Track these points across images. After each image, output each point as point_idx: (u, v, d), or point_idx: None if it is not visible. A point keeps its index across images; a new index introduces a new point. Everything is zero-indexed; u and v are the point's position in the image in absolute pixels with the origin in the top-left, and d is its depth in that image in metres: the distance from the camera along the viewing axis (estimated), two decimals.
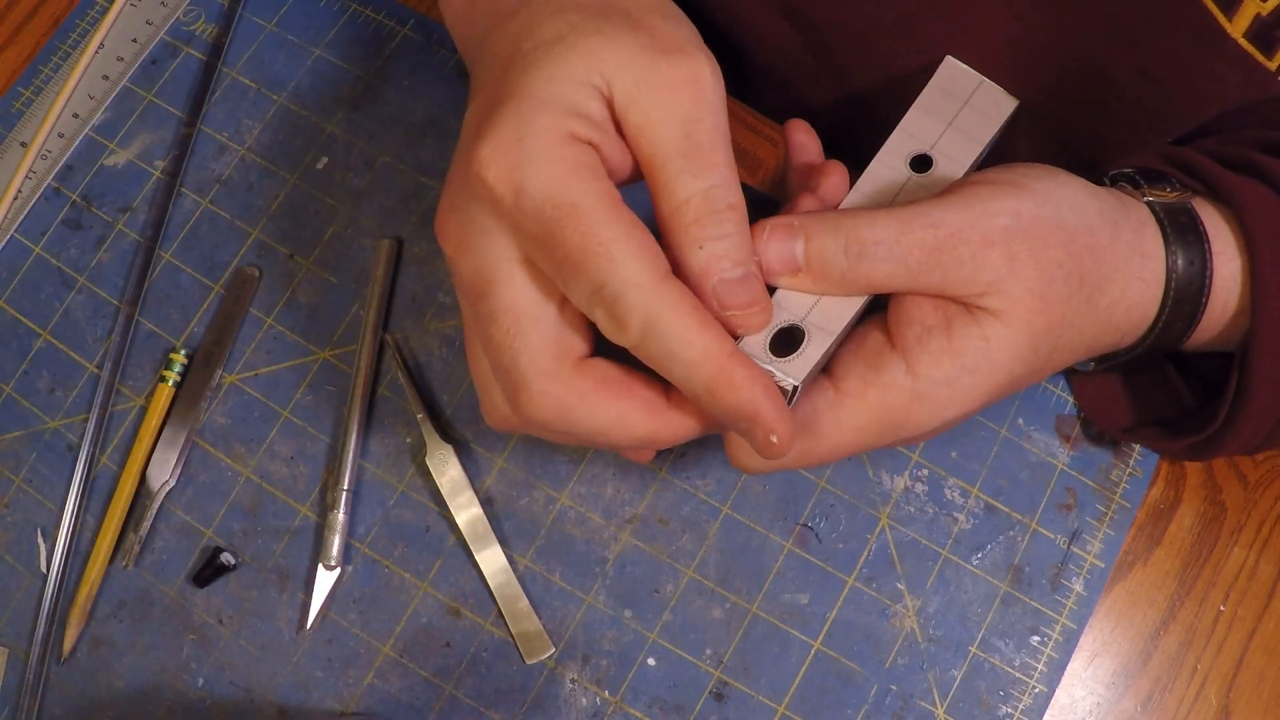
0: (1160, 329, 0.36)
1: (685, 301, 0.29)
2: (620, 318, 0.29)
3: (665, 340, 0.29)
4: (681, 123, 0.30)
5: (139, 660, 0.44)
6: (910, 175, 0.37)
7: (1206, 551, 0.45)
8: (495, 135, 0.30)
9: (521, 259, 0.31)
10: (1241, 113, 0.38)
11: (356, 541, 0.45)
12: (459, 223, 0.31)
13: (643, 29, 0.31)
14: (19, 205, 0.50)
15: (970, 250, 0.32)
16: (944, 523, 0.44)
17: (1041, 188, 0.33)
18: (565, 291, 0.30)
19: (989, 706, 0.43)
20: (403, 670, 0.44)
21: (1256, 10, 0.33)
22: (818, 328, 0.33)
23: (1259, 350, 0.35)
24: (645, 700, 0.43)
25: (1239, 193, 0.35)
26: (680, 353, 0.29)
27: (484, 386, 0.34)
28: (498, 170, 0.29)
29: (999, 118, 0.40)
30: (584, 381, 0.31)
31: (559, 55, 0.30)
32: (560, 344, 0.31)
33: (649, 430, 0.32)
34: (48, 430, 0.47)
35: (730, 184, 0.31)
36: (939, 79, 0.41)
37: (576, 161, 0.29)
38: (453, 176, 0.32)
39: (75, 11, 0.53)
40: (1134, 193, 0.36)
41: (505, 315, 0.31)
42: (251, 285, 0.48)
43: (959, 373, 0.32)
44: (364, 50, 0.52)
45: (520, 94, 0.30)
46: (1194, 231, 0.35)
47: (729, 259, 0.31)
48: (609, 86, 0.30)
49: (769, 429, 0.29)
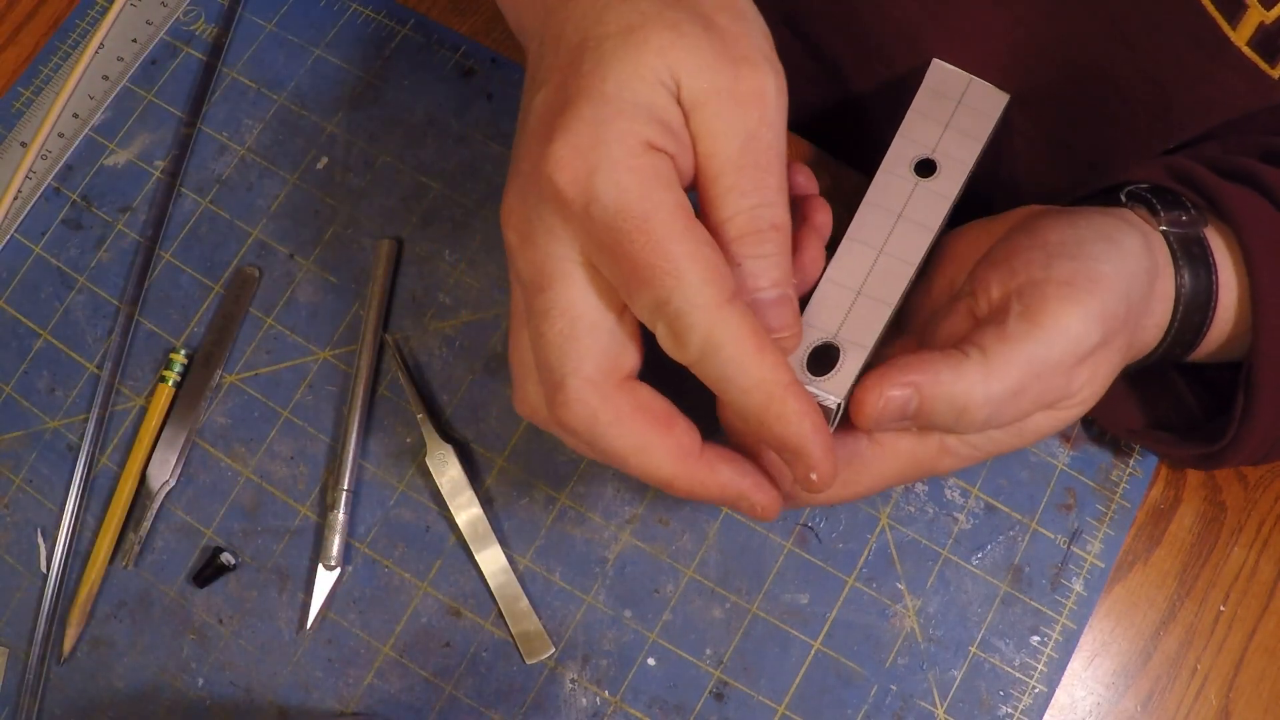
0: (1165, 349, 0.37)
1: (746, 326, 0.29)
2: (681, 335, 0.29)
3: (723, 363, 0.29)
4: (742, 137, 0.30)
5: (139, 660, 0.44)
6: (917, 181, 0.38)
7: (1206, 551, 0.45)
8: (570, 138, 0.29)
9: (584, 261, 0.30)
10: (1244, 118, 0.38)
11: (356, 541, 0.45)
12: (525, 216, 0.31)
13: (715, 30, 0.30)
14: (19, 205, 0.50)
15: (1066, 379, 0.32)
16: (944, 523, 0.44)
17: (1114, 271, 0.33)
18: (628, 301, 0.30)
19: (989, 706, 0.43)
20: (403, 670, 0.44)
21: (1260, 19, 0.33)
22: (851, 343, 0.34)
23: (1262, 368, 0.35)
24: (645, 700, 0.43)
25: (1239, 212, 0.35)
26: (736, 377, 0.29)
27: (520, 375, 0.34)
28: (571, 175, 0.29)
29: (994, 114, 0.41)
30: (623, 401, 0.31)
31: (633, 50, 0.29)
32: (610, 356, 0.31)
33: (669, 473, 0.31)
34: (48, 430, 0.47)
35: (779, 204, 0.31)
36: (929, 82, 0.41)
37: (652, 171, 0.29)
38: (521, 167, 0.31)
39: (75, 11, 0.53)
40: (1151, 220, 0.36)
41: (561, 316, 0.30)
42: (251, 285, 0.48)
43: (987, 440, 0.34)
44: (364, 50, 0.52)
45: (596, 94, 0.29)
46: (1204, 263, 0.36)
47: (767, 278, 0.31)
48: (678, 87, 0.30)
49: (811, 466, 0.30)
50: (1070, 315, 0.32)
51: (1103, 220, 0.35)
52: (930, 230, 0.37)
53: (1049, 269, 0.33)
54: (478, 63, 0.51)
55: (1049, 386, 0.32)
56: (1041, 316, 0.32)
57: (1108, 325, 0.32)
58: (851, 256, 0.36)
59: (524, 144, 0.31)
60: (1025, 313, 0.32)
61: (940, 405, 0.31)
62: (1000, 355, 0.31)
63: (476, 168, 0.49)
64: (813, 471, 0.30)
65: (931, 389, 0.31)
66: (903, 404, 0.31)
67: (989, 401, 0.31)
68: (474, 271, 0.48)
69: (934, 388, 0.31)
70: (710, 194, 0.31)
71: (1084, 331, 0.32)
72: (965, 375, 0.31)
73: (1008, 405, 0.32)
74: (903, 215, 0.37)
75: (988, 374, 0.31)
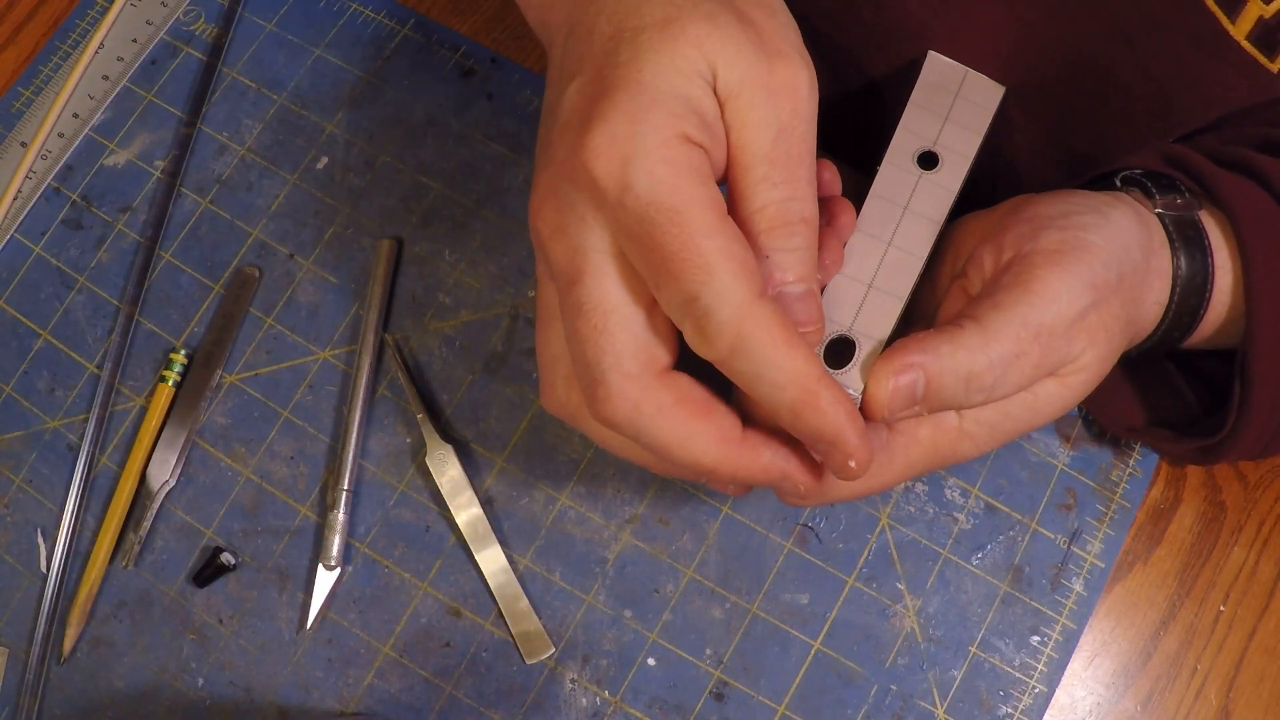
0: (1163, 331, 0.37)
1: (776, 321, 0.29)
2: (709, 332, 0.29)
3: (754, 359, 0.29)
4: (775, 129, 0.30)
5: (139, 660, 0.44)
6: (920, 174, 0.38)
7: (1206, 551, 0.45)
8: (607, 127, 0.29)
9: (615, 253, 0.30)
10: (1242, 112, 0.38)
11: (356, 541, 0.45)
12: (557, 207, 0.31)
13: (749, 23, 0.31)
14: (19, 205, 0.50)
15: (1064, 341, 0.32)
16: (944, 523, 0.44)
17: (1103, 240, 0.33)
18: (656, 295, 0.30)
19: (989, 706, 0.43)
20: (403, 670, 0.44)
21: (1259, 13, 0.33)
22: (865, 335, 0.34)
23: (1256, 356, 0.35)
24: (645, 700, 0.43)
25: (1234, 199, 0.36)
26: (768, 373, 0.29)
27: (547, 368, 0.34)
28: (607, 164, 0.29)
29: (990, 106, 0.41)
30: (664, 394, 0.31)
31: (670, 41, 0.30)
32: (648, 349, 0.31)
33: (715, 458, 0.31)
34: (48, 430, 0.47)
35: (808, 197, 0.31)
36: (927, 74, 0.41)
37: (687, 164, 0.29)
38: (554, 157, 0.31)
39: (75, 11, 0.53)
40: (1146, 202, 0.37)
41: (594, 311, 0.30)
42: (251, 285, 0.48)
43: (1003, 418, 0.34)
44: (364, 50, 0.52)
45: (634, 84, 0.29)
46: (1200, 246, 0.36)
47: (794, 272, 0.31)
48: (714, 78, 0.30)
49: (849, 454, 0.30)
50: (1059, 280, 0.32)
51: (1094, 197, 0.35)
52: (935, 223, 0.37)
53: (1036, 240, 0.33)
54: (478, 63, 0.51)
55: (1048, 348, 0.32)
56: (1031, 282, 0.32)
57: (1098, 291, 0.32)
58: (861, 249, 0.37)
59: (557, 134, 0.31)
60: (1014, 281, 0.32)
61: (947, 379, 0.31)
62: (995, 320, 0.32)
63: (476, 168, 0.49)
64: (851, 459, 0.30)
65: (935, 365, 0.31)
66: (911, 386, 0.31)
67: (992, 366, 0.31)
68: (474, 271, 0.48)
69: (937, 363, 0.31)
70: (741, 184, 0.31)
71: (1073, 294, 0.32)
72: (964, 344, 0.31)
73: (1011, 369, 0.32)
74: (908, 208, 0.38)
75: (985, 340, 0.31)
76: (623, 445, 0.33)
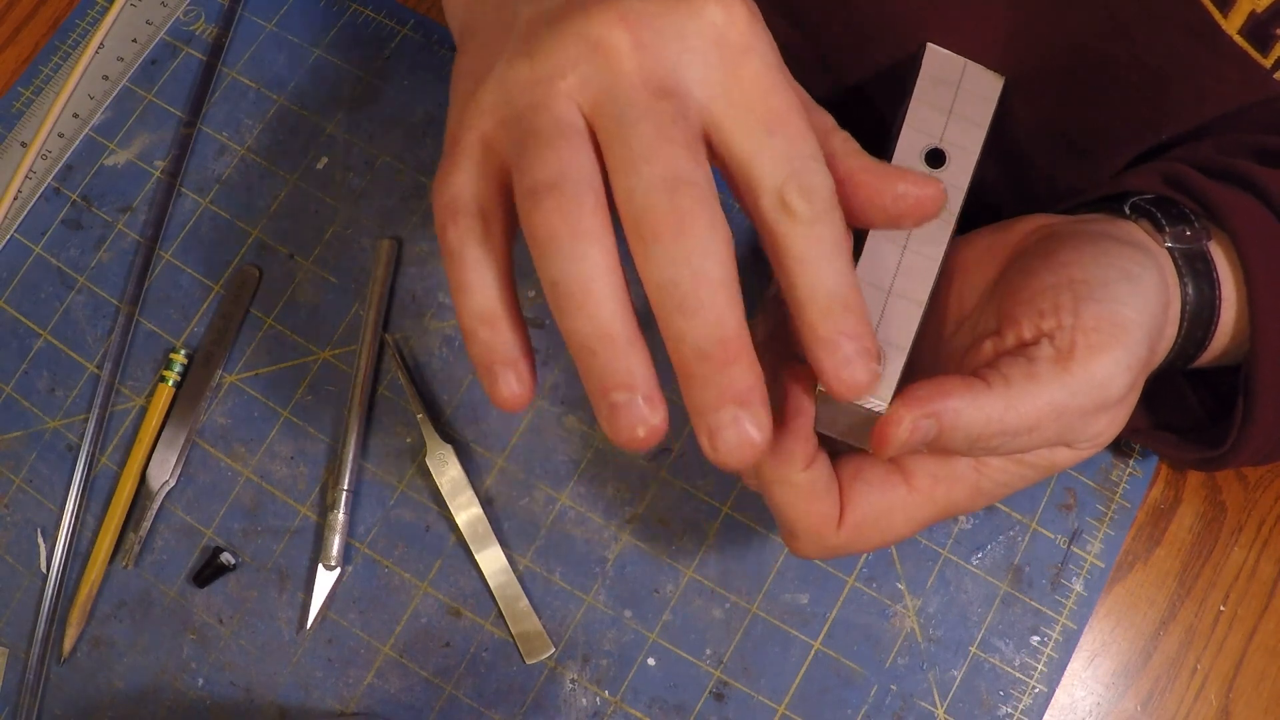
0: (1168, 362, 0.37)
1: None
2: (814, 189, 0.29)
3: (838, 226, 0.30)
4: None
5: (139, 660, 0.44)
6: (930, 173, 0.38)
7: (1206, 551, 0.45)
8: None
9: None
10: (1239, 114, 0.38)
11: (356, 541, 0.45)
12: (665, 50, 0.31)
13: None
14: (19, 205, 0.50)
15: (1083, 422, 0.33)
16: (944, 522, 0.44)
17: (1137, 315, 0.33)
18: (758, 150, 0.29)
19: (989, 706, 0.43)
20: (403, 670, 0.44)
21: (1251, 7, 0.33)
22: (889, 344, 0.34)
23: (1259, 374, 0.36)
24: (645, 700, 0.43)
25: (1235, 219, 0.36)
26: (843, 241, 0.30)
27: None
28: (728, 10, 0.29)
29: (992, 97, 0.41)
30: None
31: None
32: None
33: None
34: (48, 430, 0.47)
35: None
36: (928, 68, 0.41)
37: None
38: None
39: (75, 11, 0.53)
40: (1156, 235, 0.37)
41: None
42: (251, 285, 0.48)
43: (1018, 479, 0.35)
44: (364, 50, 0.52)
45: None
46: (1208, 279, 0.36)
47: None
48: None
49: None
50: (1100, 367, 0.32)
51: (1119, 252, 0.35)
52: (949, 224, 0.37)
53: (1078, 315, 0.33)
54: None
55: (1066, 426, 0.32)
56: (1070, 364, 0.32)
57: (1133, 372, 0.33)
58: (879, 254, 0.37)
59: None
60: (1056, 357, 0.33)
61: (959, 434, 0.32)
62: (1025, 391, 0.32)
63: None
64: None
65: (952, 419, 0.32)
66: (926, 433, 0.32)
67: (1005, 431, 0.32)
68: None
69: (954, 418, 0.32)
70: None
71: (1112, 379, 0.32)
72: (984, 407, 0.32)
73: (1020, 438, 0.32)
74: None
75: (1009, 405, 0.32)
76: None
